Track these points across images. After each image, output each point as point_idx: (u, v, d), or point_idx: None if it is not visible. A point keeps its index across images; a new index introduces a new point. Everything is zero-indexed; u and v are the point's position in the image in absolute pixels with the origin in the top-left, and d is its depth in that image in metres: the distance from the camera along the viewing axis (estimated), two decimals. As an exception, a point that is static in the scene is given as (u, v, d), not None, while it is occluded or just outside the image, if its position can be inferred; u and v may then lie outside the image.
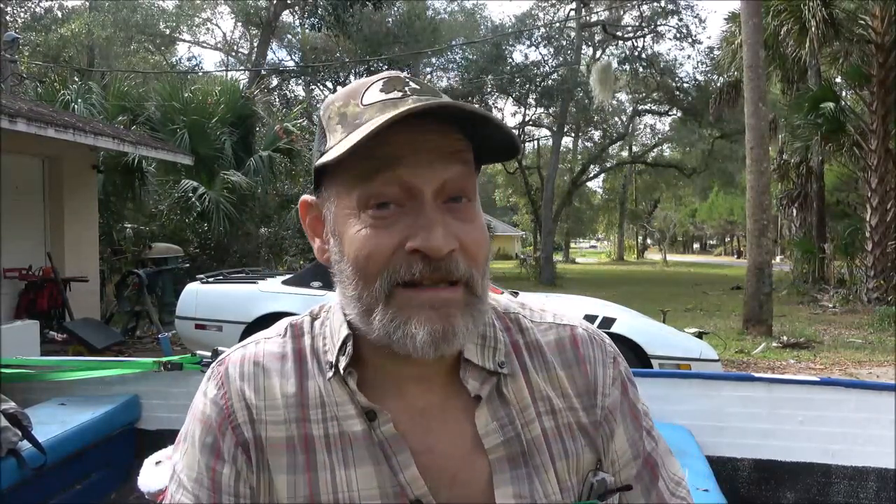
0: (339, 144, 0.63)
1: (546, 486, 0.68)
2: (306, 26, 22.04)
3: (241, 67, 25.12)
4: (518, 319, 0.76)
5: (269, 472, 0.68)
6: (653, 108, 28.44)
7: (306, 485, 0.67)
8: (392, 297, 0.63)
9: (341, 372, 0.68)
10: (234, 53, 27.88)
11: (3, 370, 2.94)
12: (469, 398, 0.69)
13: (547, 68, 23.83)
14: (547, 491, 0.68)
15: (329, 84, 23.11)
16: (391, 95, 0.64)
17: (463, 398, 0.70)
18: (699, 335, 6.01)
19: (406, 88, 0.65)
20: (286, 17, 22.66)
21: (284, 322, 0.76)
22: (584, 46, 24.56)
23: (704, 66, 25.00)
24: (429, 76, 23.19)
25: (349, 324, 0.69)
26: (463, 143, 0.65)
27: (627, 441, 0.75)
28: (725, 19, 17.93)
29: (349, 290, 0.65)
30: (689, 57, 45.84)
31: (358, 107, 0.65)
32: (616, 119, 29.81)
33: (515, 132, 0.67)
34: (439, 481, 0.67)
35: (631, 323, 5.41)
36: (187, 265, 9.87)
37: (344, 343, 0.69)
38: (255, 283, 6.21)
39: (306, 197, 0.73)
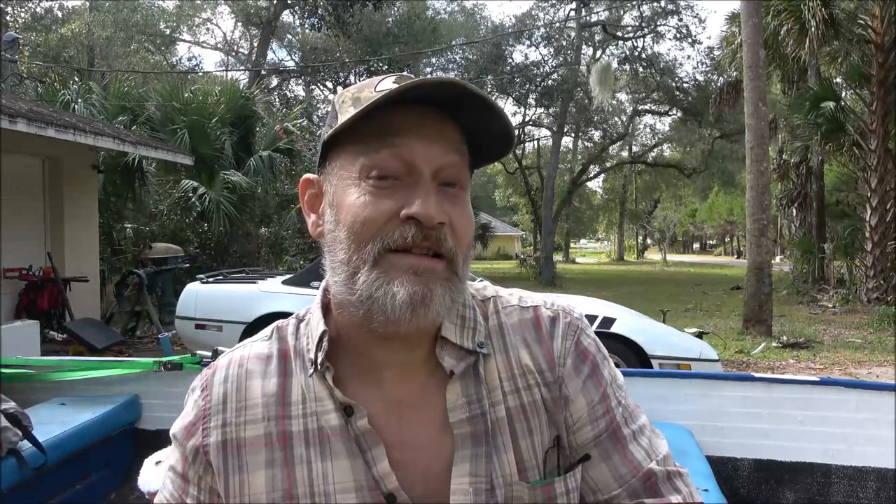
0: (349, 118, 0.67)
1: (504, 466, 0.70)
2: (306, 26, 22.05)
3: (241, 67, 25.13)
4: (491, 304, 0.78)
5: (244, 471, 0.70)
6: (653, 108, 28.42)
7: (284, 479, 0.69)
8: (380, 261, 0.66)
9: (319, 368, 0.70)
10: (234, 53, 27.88)
11: (3, 370, 2.93)
12: (446, 379, 0.71)
13: (547, 68, 23.83)
14: (504, 471, 0.70)
15: (329, 84, 23.12)
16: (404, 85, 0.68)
17: (440, 379, 0.72)
18: (699, 335, 6.00)
19: None
20: (286, 17, 22.68)
21: (273, 325, 0.79)
22: (584, 46, 24.55)
23: (704, 66, 25.02)
24: (429, 76, 23.18)
25: (326, 320, 0.73)
26: (461, 137, 0.70)
27: (586, 404, 0.74)
28: (726, 19, 17.92)
29: (339, 255, 0.68)
30: (689, 57, 45.93)
31: (371, 92, 0.68)
32: (616, 119, 29.80)
33: (514, 129, 0.71)
34: (413, 475, 0.69)
35: (631, 323, 5.40)
36: (187, 265, 9.87)
37: (321, 339, 0.71)
38: (255, 283, 6.20)
39: (308, 175, 0.76)
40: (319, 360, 0.70)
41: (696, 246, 70.01)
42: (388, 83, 0.68)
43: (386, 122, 0.66)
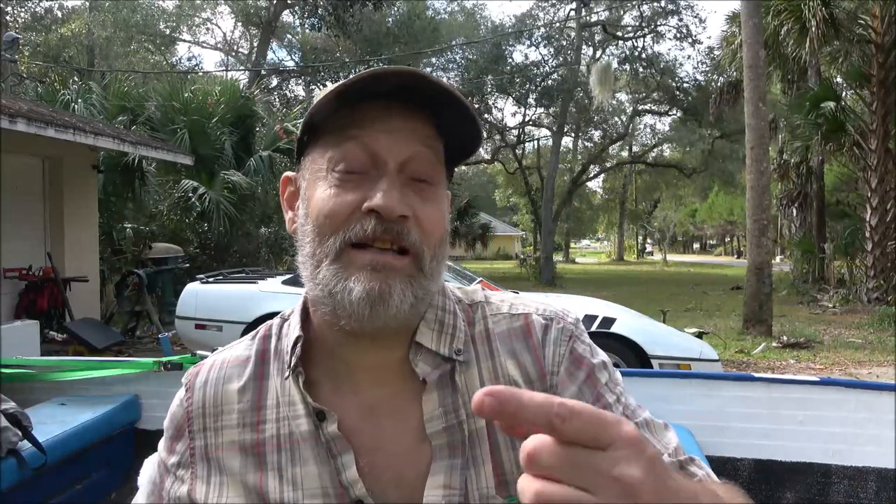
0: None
1: (481, 479, 0.67)
2: (306, 26, 22.06)
3: (241, 67, 25.13)
4: (479, 310, 0.76)
5: (222, 475, 0.70)
6: (653, 108, 28.43)
7: (257, 486, 0.68)
8: (341, 255, 0.65)
9: (293, 372, 0.70)
10: (234, 53, 27.89)
11: (3, 370, 2.94)
12: (422, 386, 0.70)
13: (547, 68, 23.86)
14: (481, 484, 0.67)
15: (329, 84, 23.08)
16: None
17: (416, 386, 0.70)
18: (699, 335, 6.01)
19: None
20: (286, 17, 22.68)
21: (264, 324, 0.79)
22: (584, 46, 24.56)
23: (704, 66, 25.04)
24: (389, 67, 23.24)
25: (305, 321, 0.73)
26: (432, 131, 0.69)
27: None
28: (726, 19, 17.93)
29: (306, 248, 0.68)
30: (689, 57, 45.95)
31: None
32: (616, 119, 29.81)
33: (480, 124, 0.71)
34: (385, 481, 0.67)
35: (631, 323, 5.41)
36: (187, 265, 9.88)
37: (295, 343, 0.71)
38: (255, 283, 6.21)
39: (288, 173, 0.77)
40: (293, 364, 0.70)
41: (696, 246, 70.02)
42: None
43: (354, 115, 0.66)
